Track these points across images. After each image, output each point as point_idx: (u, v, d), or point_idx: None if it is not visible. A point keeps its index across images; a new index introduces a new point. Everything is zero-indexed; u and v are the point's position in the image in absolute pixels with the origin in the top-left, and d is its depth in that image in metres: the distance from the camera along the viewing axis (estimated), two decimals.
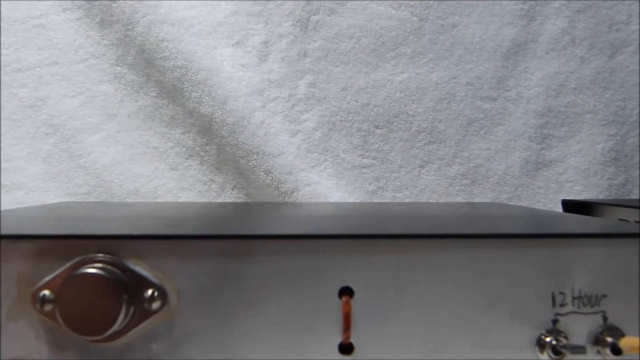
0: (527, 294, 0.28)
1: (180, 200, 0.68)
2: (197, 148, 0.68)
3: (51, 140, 0.68)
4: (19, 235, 0.27)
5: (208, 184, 0.68)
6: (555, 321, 0.28)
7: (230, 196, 0.68)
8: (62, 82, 0.68)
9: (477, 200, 0.70)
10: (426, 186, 0.70)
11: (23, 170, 0.68)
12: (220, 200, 0.68)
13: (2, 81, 0.68)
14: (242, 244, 0.27)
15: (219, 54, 0.66)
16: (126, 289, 0.26)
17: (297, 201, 0.63)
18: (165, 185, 0.68)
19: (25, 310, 0.27)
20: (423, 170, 0.70)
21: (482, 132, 0.71)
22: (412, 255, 0.28)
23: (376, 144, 0.70)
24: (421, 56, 0.70)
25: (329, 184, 0.67)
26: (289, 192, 0.64)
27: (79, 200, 0.66)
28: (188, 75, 0.64)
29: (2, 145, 0.68)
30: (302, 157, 0.67)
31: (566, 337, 0.28)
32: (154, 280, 0.27)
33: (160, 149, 0.68)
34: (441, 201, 0.69)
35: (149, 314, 0.27)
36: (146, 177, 0.68)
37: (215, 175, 0.68)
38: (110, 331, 0.26)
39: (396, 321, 0.28)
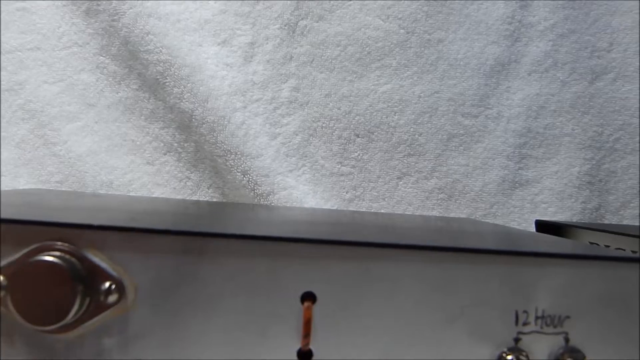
0: (490, 311, 0.28)
1: (153, 196, 0.67)
2: (175, 144, 0.67)
3: (26, 126, 0.67)
4: None
5: (184, 181, 0.68)
6: (517, 339, 0.28)
7: (206, 195, 0.68)
8: (42, 67, 0.67)
9: (452, 215, 0.71)
10: (403, 198, 0.70)
11: None
12: (195, 198, 0.68)
13: None
14: (204, 241, 0.27)
15: (204, 51, 0.66)
16: (82, 279, 0.26)
17: (272, 204, 0.63)
18: (140, 179, 0.67)
19: None
20: (401, 182, 0.70)
21: (461, 147, 0.71)
22: (376, 264, 0.27)
23: (356, 152, 0.70)
24: (406, 68, 0.71)
25: (305, 189, 0.67)
26: (264, 194, 0.63)
27: (50, 189, 0.64)
28: (171, 70, 0.63)
29: None
30: (281, 161, 0.66)
31: (527, 357, 0.28)
32: (113, 273, 0.26)
33: (138, 143, 0.68)
34: (417, 214, 0.70)
35: (104, 307, 0.26)
36: (121, 169, 0.67)
37: (191, 173, 0.68)
38: (62, 322, 0.25)
39: (356, 331, 0.27)
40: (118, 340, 0.27)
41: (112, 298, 0.26)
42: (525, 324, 0.29)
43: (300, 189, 0.66)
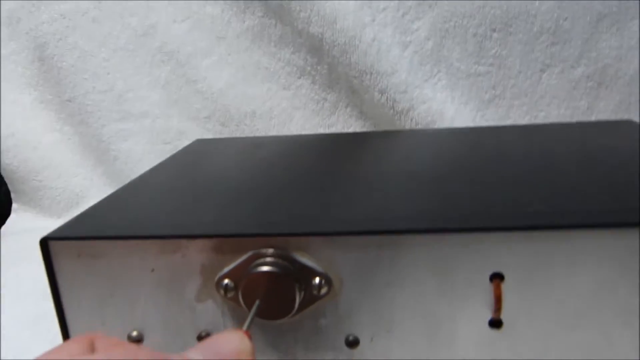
0: None
1: (295, 122, 0.69)
2: (308, 68, 0.67)
3: (167, 68, 0.70)
4: (198, 235, 0.30)
5: (321, 102, 0.69)
6: None
7: (344, 114, 0.68)
8: (168, 8, 0.69)
9: (602, 103, 0.66)
10: (547, 91, 0.66)
11: (145, 99, 0.71)
12: (333, 118, 0.69)
13: (113, 11, 0.70)
14: (394, 238, 0.29)
15: None
16: (297, 279, 0.29)
17: (414, 121, 0.63)
18: (279, 105, 0.69)
19: (210, 294, 0.31)
20: (544, 75, 0.66)
21: (613, 28, 0.63)
22: (557, 246, 0.28)
23: (493, 49, 0.65)
24: None
25: (443, 96, 0.65)
26: (404, 111, 0.63)
27: (210, 138, 0.68)
28: None
29: (123, 75, 0.71)
30: (415, 72, 0.64)
31: None
32: (320, 269, 0.30)
33: (271, 69, 0.69)
34: (561, 111, 0.65)
35: (317, 298, 0.30)
36: (260, 98, 0.69)
37: (327, 94, 0.68)
38: (288, 317, 0.29)
39: (540, 305, 0.29)
40: (331, 320, 0.31)
41: (323, 290, 0.30)
42: None
43: (438, 99, 0.64)
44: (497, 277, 0.29)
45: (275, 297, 0.29)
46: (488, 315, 0.29)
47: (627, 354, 0.29)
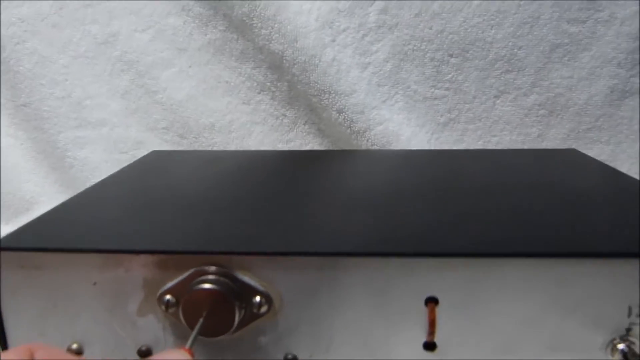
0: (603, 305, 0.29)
1: (254, 137, 0.69)
2: (268, 83, 0.68)
3: (127, 77, 0.70)
4: (141, 251, 0.30)
5: (280, 118, 0.69)
6: (628, 329, 0.29)
7: (302, 131, 0.69)
8: (131, 16, 0.68)
9: (553, 131, 0.68)
10: (500, 117, 0.68)
11: (104, 107, 0.71)
12: (292, 134, 0.69)
13: (74, 17, 0.69)
14: (335, 260, 0.29)
15: None
16: (238, 297, 0.30)
17: (369, 147, 0.64)
18: (238, 119, 0.70)
19: (152, 309, 0.31)
20: (498, 101, 0.68)
21: (565, 58, 0.66)
22: (491, 271, 0.29)
23: (450, 73, 0.68)
24: None
25: (400, 118, 0.67)
26: (361, 131, 0.64)
27: (167, 150, 0.68)
28: (257, 11, 0.62)
29: (82, 83, 0.70)
30: (373, 93, 0.66)
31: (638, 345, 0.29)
32: (261, 288, 0.30)
33: (232, 84, 0.69)
34: (513, 137, 0.68)
35: (257, 316, 0.30)
36: (220, 111, 0.70)
37: (287, 110, 0.69)
38: (227, 334, 0.30)
39: (474, 327, 0.30)
40: (271, 338, 0.31)
41: (263, 309, 0.30)
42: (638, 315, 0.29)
43: (394, 120, 0.66)
44: (431, 301, 0.30)
45: (216, 315, 0.29)
46: (423, 337, 0.30)
47: None
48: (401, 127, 0.66)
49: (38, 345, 0.21)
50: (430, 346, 0.30)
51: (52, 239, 0.33)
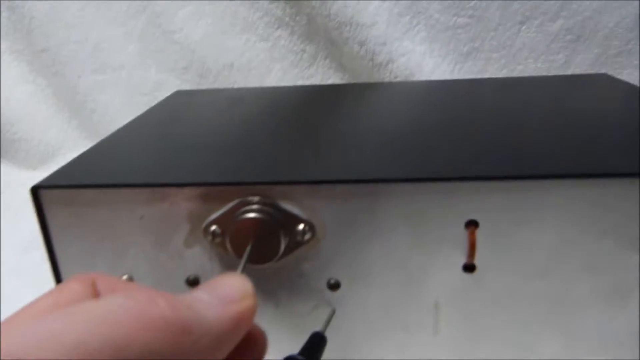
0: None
1: (274, 75, 0.69)
2: (287, 18, 0.67)
3: (143, 17, 0.69)
4: (186, 184, 0.31)
5: (300, 54, 0.68)
6: None
7: (323, 66, 0.68)
8: None
9: (579, 57, 0.67)
10: (525, 44, 0.67)
11: (121, 50, 0.70)
12: (312, 70, 0.69)
13: None
14: (375, 187, 0.30)
15: None
16: (282, 225, 0.30)
17: (392, 80, 0.63)
18: (257, 57, 0.69)
19: (198, 240, 0.32)
20: (523, 27, 0.66)
21: None
22: (529, 194, 0.29)
23: (472, 1, 0.65)
24: None
25: (422, 49, 0.65)
26: (383, 63, 0.63)
27: (190, 89, 0.67)
28: None
29: (98, 26, 0.69)
30: (395, 24, 0.64)
31: None
32: (304, 216, 0.31)
33: (249, 20, 0.68)
34: (538, 65, 0.66)
35: (301, 243, 0.31)
36: (238, 49, 0.69)
37: (306, 46, 0.68)
38: (273, 261, 0.31)
39: (515, 250, 0.30)
40: (314, 265, 0.32)
41: (306, 237, 0.31)
42: None
43: (417, 51, 0.65)
44: (472, 224, 0.30)
45: (261, 243, 0.30)
46: (462, 261, 0.31)
47: (586, 301, 0.31)
48: (424, 58, 0.65)
49: (98, 275, 0.21)
50: (469, 268, 0.31)
51: (97, 176, 0.33)
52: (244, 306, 0.20)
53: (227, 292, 0.20)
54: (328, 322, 0.31)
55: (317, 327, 0.31)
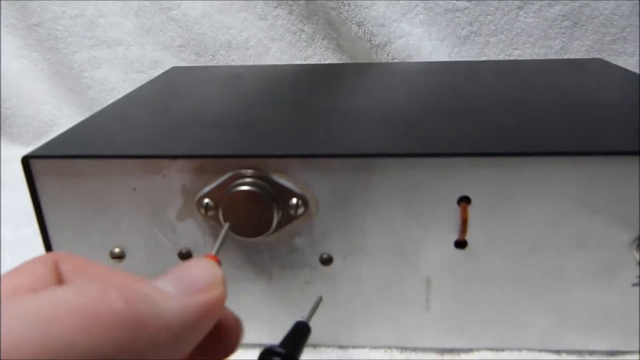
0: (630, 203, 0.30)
1: (271, 55, 0.68)
2: None
3: None
4: (180, 155, 0.30)
5: (298, 33, 0.68)
6: None
7: (321, 46, 0.68)
8: None
9: (576, 43, 0.67)
10: (523, 29, 0.67)
11: (118, 26, 0.69)
12: (310, 50, 0.68)
13: None
14: (370, 161, 0.30)
15: None
16: (275, 199, 0.30)
17: (390, 55, 0.63)
18: (255, 36, 0.68)
19: (191, 213, 0.32)
20: (521, 12, 0.66)
21: None
22: (522, 170, 0.29)
23: None
24: None
25: (420, 32, 0.65)
26: (381, 45, 0.63)
27: (188, 66, 0.67)
28: None
29: (94, 0, 0.69)
30: (394, 5, 0.64)
31: None
32: (297, 190, 0.31)
33: None
34: (535, 50, 0.66)
35: (294, 217, 0.31)
36: (236, 28, 0.68)
37: (304, 25, 0.67)
38: (266, 234, 0.31)
39: (506, 224, 0.31)
40: (306, 239, 0.32)
41: (299, 211, 0.31)
42: None
43: (415, 34, 0.64)
44: (464, 200, 0.31)
45: (254, 216, 0.30)
46: (454, 237, 0.31)
47: (577, 277, 0.32)
48: (422, 40, 0.65)
49: (64, 254, 0.19)
50: (461, 244, 0.31)
51: (90, 146, 0.33)
52: (211, 296, 0.18)
53: (193, 281, 0.18)
54: (314, 311, 0.31)
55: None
